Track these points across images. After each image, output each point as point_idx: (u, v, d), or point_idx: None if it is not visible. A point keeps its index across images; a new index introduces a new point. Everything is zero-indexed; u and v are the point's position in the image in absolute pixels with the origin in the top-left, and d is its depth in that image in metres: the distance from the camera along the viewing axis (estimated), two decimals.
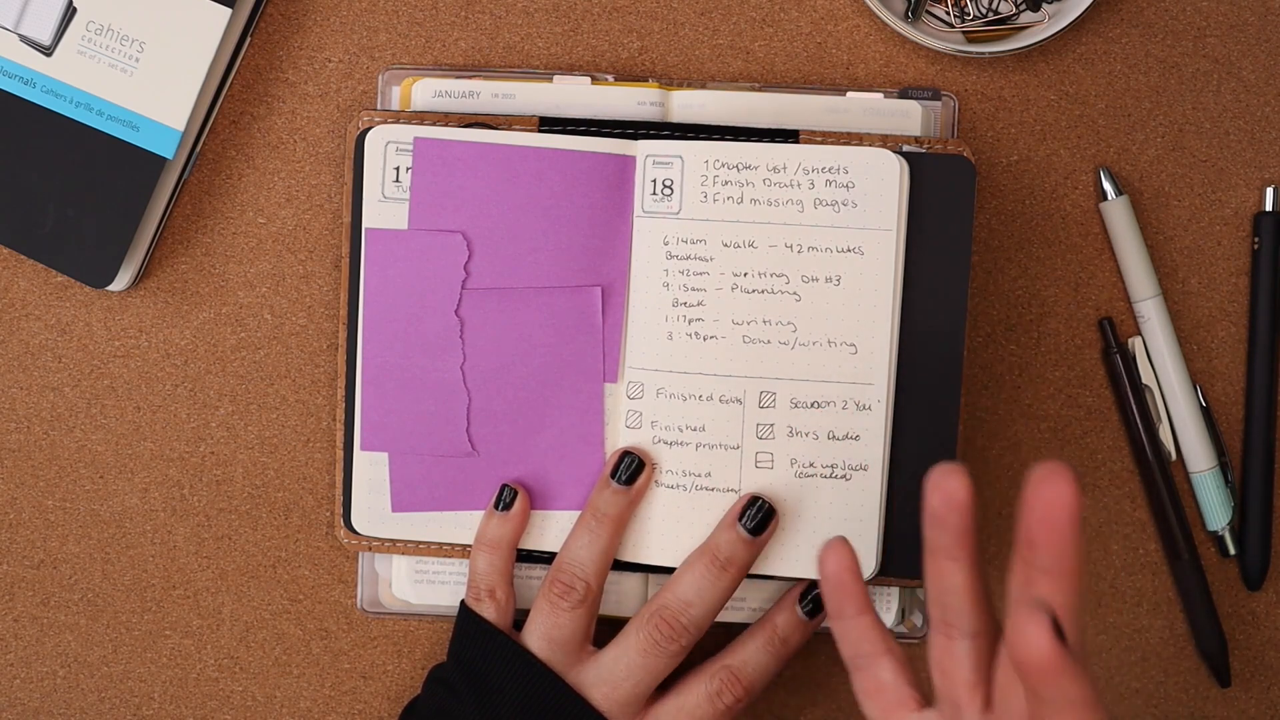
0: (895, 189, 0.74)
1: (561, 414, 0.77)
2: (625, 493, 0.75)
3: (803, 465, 0.75)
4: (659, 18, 0.81)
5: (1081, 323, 0.81)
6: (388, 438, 0.77)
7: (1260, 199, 0.81)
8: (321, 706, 0.83)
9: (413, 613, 0.81)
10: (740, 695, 0.75)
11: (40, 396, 0.82)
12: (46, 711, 0.83)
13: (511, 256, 0.76)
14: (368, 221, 0.77)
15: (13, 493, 0.82)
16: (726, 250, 0.75)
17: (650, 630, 0.74)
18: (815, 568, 0.75)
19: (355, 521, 0.78)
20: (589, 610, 0.75)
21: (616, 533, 0.76)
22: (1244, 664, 0.82)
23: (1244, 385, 0.81)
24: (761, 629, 0.76)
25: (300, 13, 0.81)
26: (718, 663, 0.76)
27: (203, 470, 0.82)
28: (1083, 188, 0.81)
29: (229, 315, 0.82)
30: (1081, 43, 0.81)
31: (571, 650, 0.75)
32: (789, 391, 0.75)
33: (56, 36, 0.78)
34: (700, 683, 0.75)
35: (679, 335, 0.75)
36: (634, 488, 0.75)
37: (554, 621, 0.75)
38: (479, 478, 0.78)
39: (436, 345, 0.77)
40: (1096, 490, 0.82)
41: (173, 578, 0.83)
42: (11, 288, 0.82)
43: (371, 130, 0.76)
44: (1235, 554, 0.81)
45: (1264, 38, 0.81)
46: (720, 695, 0.75)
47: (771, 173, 0.75)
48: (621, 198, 0.76)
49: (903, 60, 0.81)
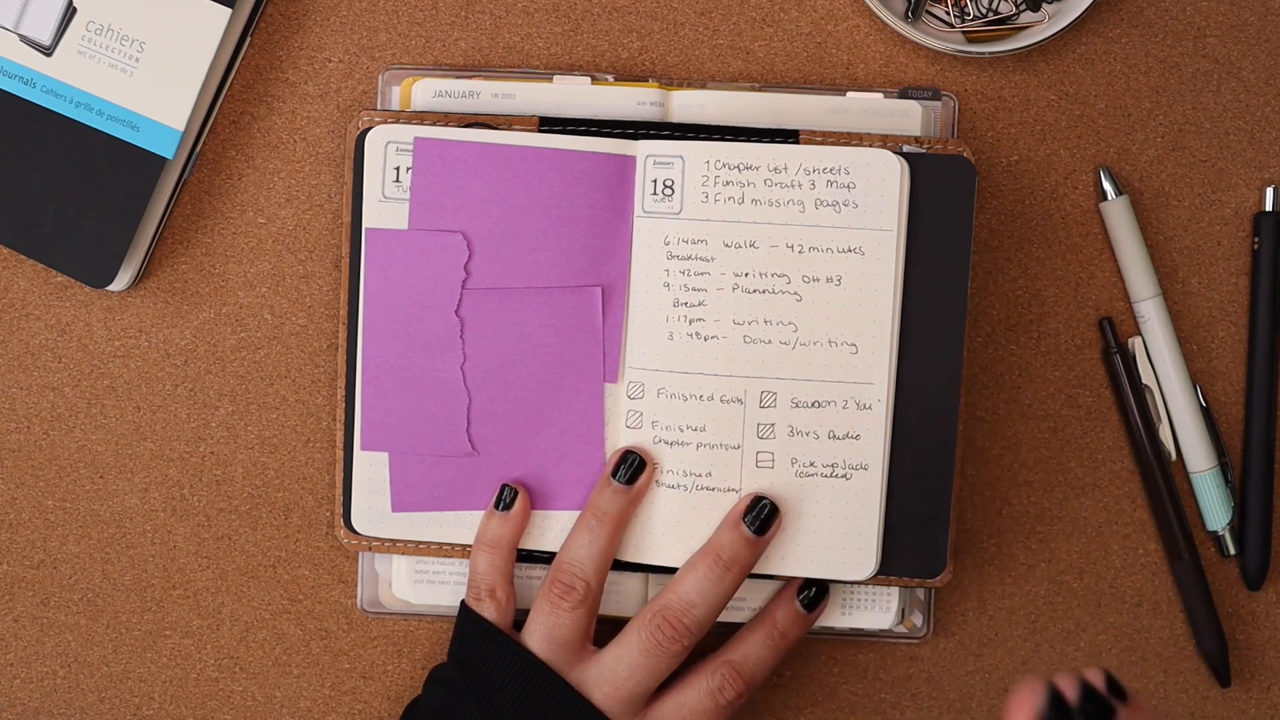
0: (895, 189, 0.74)
1: (561, 414, 0.77)
2: (626, 492, 0.75)
3: (803, 465, 0.75)
4: (659, 18, 0.81)
5: (1081, 323, 0.81)
6: (388, 437, 0.77)
7: (1260, 199, 0.81)
8: (321, 706, 0.83)
9: (413, 613, 0.81)
10: (741, 690, 0.75)
11: (40, 396, 0.82)
12: (46, 711, 0.83)
13: (511, 256, 0.76)
14: (368, 221, 0.76)
15: (13, 493, 0.82)
16: (727, 250, 0.75)
17: (653, 630, 0.74)
18: (817, 567, 0.76)
19: (355, 521, 0.78)
20: (589, 610, 0.75)
21: (617, 532, 0.76)
22: (1244, 664, 0.82)
23: (1244, 385, 0.81)
24: (761, 623, 0.76)
25: (300, 13, 0.81)
26: (718, 659, 0.76)
27: (203, 470, 0.82)
28: (1083, 188, 0.81)
29: (229, 315, 0.82)
30: (1081, 43, 0.81)
31: (572, 650, 0.75)
32: (790, 391, 0.75)
33: (56, 36, 0.78)
34: (701, 679, 0.75)
35: (680, 335, 0.75)
36: (635, 487, 0.75)
37: (554, 621, 0.75)
38: (479, 478, 0.78)
39: (436, 345, 0.77)
40: (1096, 490, 0.82)
41: (173, 578, 0.82)
42: (11, 288, 0.82)
43: (371, 130, 0.76)
44: (1235, 554, 0.81)
45: (1264, 38, 0.81)
46: (722, 691, 0.75)
47: (772, 173, 0.75)
48: (622, 198, 0.76)
49: (903, 60, 0.81)
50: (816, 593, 0.77)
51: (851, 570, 0.76)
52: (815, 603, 0.77)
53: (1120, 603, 0.82)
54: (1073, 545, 0.82)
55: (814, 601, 0.77)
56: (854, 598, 0.79)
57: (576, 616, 0.75)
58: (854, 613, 0.79)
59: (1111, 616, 0.82)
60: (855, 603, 0.79)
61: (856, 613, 0.79)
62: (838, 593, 0.79)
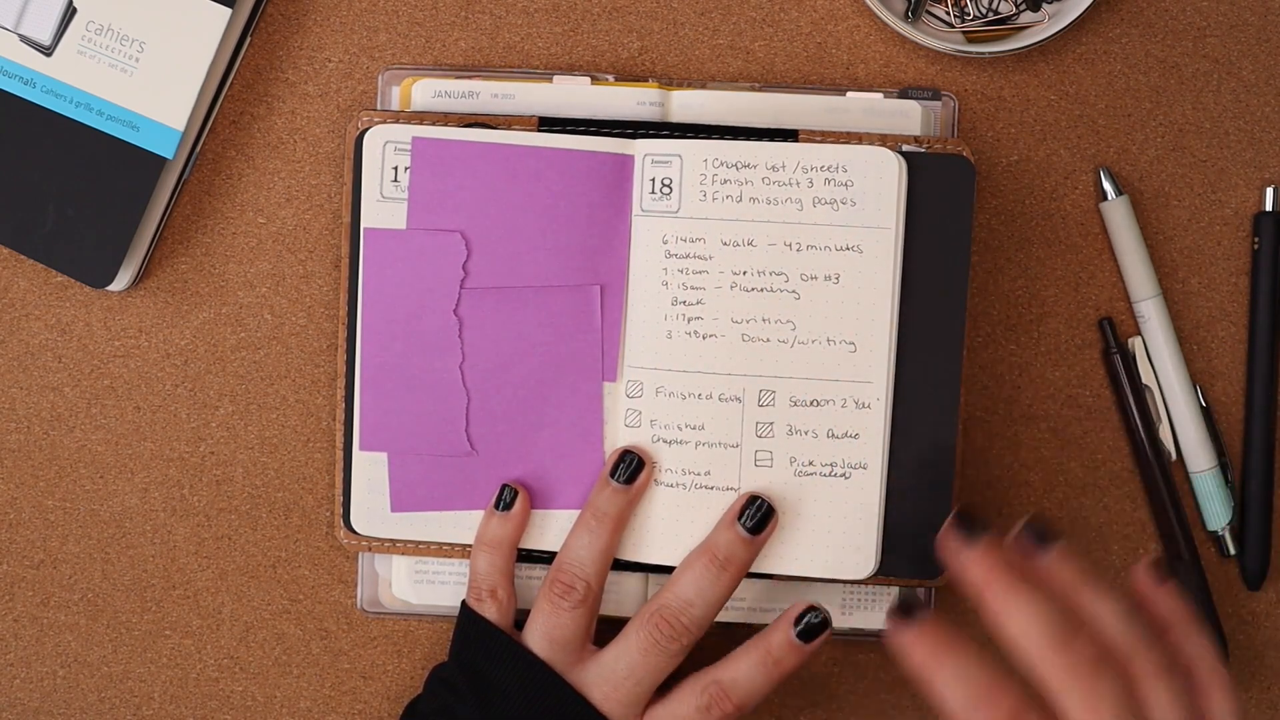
0: (894, 187, 0.74)
1: (561, 413, 0.77)
2: (625, 492, 0.75)
3: (802, 464, 0.75)
4: (659, 18, 0.81)
5: (1081, 323, 0.81)
6: (387, 438, 0.77)
7: (1260, 199, 0.81)
8: (321, 706, 0.83)
9: (413, 613, 0.81)
10: (729, 712, 0.74)
11: (40, 396, 0.82)
12: (46, 711, 0.83)
13: (510, 256, 0.76)
14: (366, 221, 0.77)
15: (13, 493, 0.82)
16: (725, 249, 0.75)
17: (651, 629, 0.74)
18: (816, 566, 0.75)
19: (355, 522, 0.78)
20: (590, 610, 0.75)
21: (617, 532, 0.76)
22: (1244, 664, 0.82)
23: (1244, 385, 0.81)
24: (756, 647, 0.74)
25: (300, 13, 0.81)
26: (710, 675, 0.74)
27: (203, 470, 0.82)
28: (1083, 188, 0.81)
29: (229, 315, 0.82)
30: (1081, 43, 0.81)
31: (572, 650, 0.75)
32: (788, 390, 0.75)
33: (56, 36, 0.78)
34: (691, 694, 0.74)
35: (678, 334, 0.75)
36: (634, 486, 0.75)
37: (555, 621, 0.75)
38: (478, 477, 0.78)
39: (435, 345, 0.77)
40: (1096, 490, 0.81)
41: (173, 578, 0.83)
42: (11, 288, 0.82)
43: (370, 130, 0.76)
44: (1235, 554, 0.81)
45: (1264, 38, 0.81)
46: (709, 710, 0.74)
47: (770, 171, 0.75)
48: (620, 197, 0.76)
49: (903, 60, 0.81)
50: (815, 625, 0.74)
51: (851, 570, 0.76)
52: (811, 635, 0.74)
53: None
54: (1073, 545, 0.81)
55: (811, 633, 0.74)
56: (854, 598, 0.79)
57: (577, 616, 0.75)
58: (854, 613, 0.79)
59: None
60: (855, 603, 0.79)
61: (856, 613, 0.79)
62: (837, 593, 0.79)
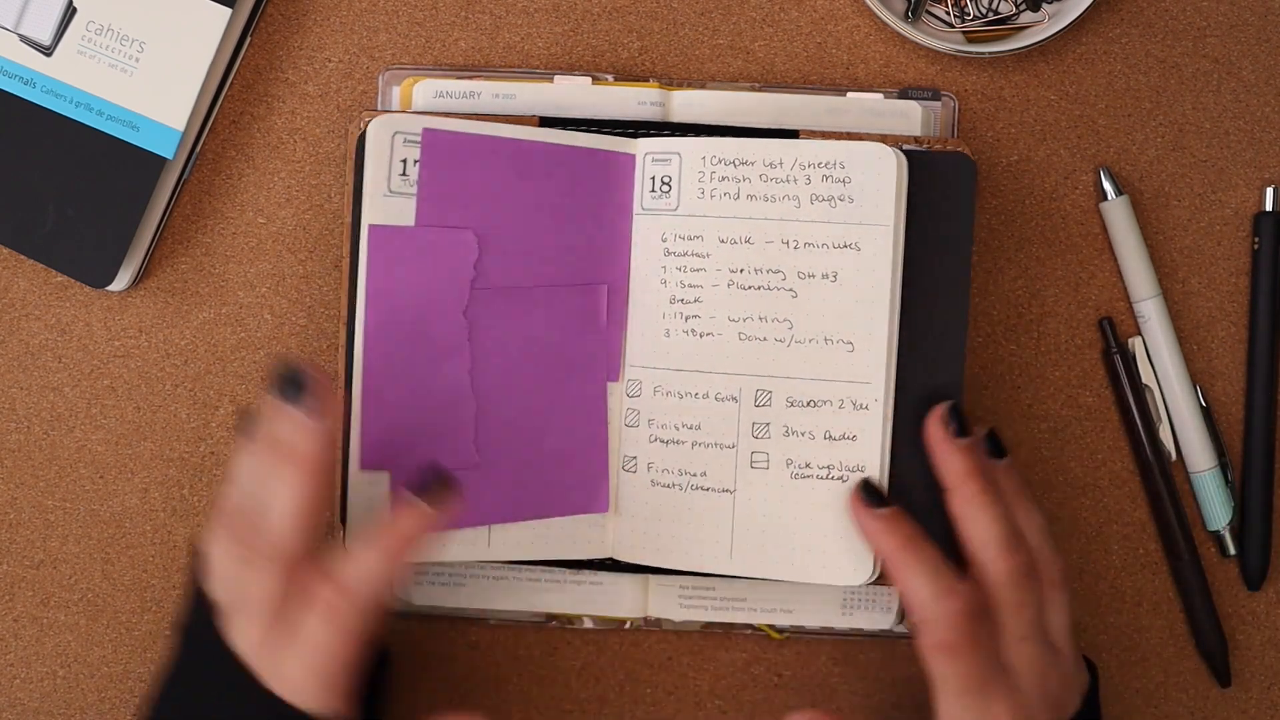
0: (892, 184, 0.73)
1: (566, 416, 0.76)
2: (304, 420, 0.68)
3: (799, 465, 0.75)
4: (659, 18, 0.81)
5: (1081, 323, 0.81)
6: (388, 454, 0.74)
7: (1260, 199, 0.81)
8: None
9: (413, 613, 0.81)
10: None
11: (40, 396, 0.82)
12: (46, 711, 0.83)
13: (519, 254, 0.75)
14: (372, 217, 0.74)
15: (13, 493, 0.82)
16: (723, 246, 0.75)
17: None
18: (813, 571, 0.75)
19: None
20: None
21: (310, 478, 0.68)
22: (1244, 664, 0.82)
23: (1244, 385, 0.81)
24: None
25: (300, 13, 0.81)
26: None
27: (203, 470, 0.82)
28: (1083, 188, 0.81)
29: (229, 315, 0.82)
30: (1081, 43, 0.81)
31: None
32: (785, 390, 0.75)
33: (56, 36, 0.78)
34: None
35: (676, 332, 0.75)
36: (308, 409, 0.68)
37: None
38: (483, 490, 0.75)
39: (443, 349, 0.74)
40: (1096, 490, 0.81)
41: (173, 578, 0.83)
42: (11, 288, 0.82)
43: (378, 119, 0.74)
44: (1235, 554, 0.81)
45: (1264, 38, 0.81)
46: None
47: (768, 168, 0.74)
48: (623, 195, 0.76)
49: (903, 60, 0.81)
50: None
51: (849, 575, 0.74)
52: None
53: (1120, 603, 0.82)
54: (1073, 545, 0.81)
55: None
56: (854, 598, 0.79)
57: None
58: (854, 613, 0.79)
59: (1111, 616, 0.82)
60: (855, 603, 0.79)
61: (856, 613, 0.79)
62: (837, 593, 0.79)
